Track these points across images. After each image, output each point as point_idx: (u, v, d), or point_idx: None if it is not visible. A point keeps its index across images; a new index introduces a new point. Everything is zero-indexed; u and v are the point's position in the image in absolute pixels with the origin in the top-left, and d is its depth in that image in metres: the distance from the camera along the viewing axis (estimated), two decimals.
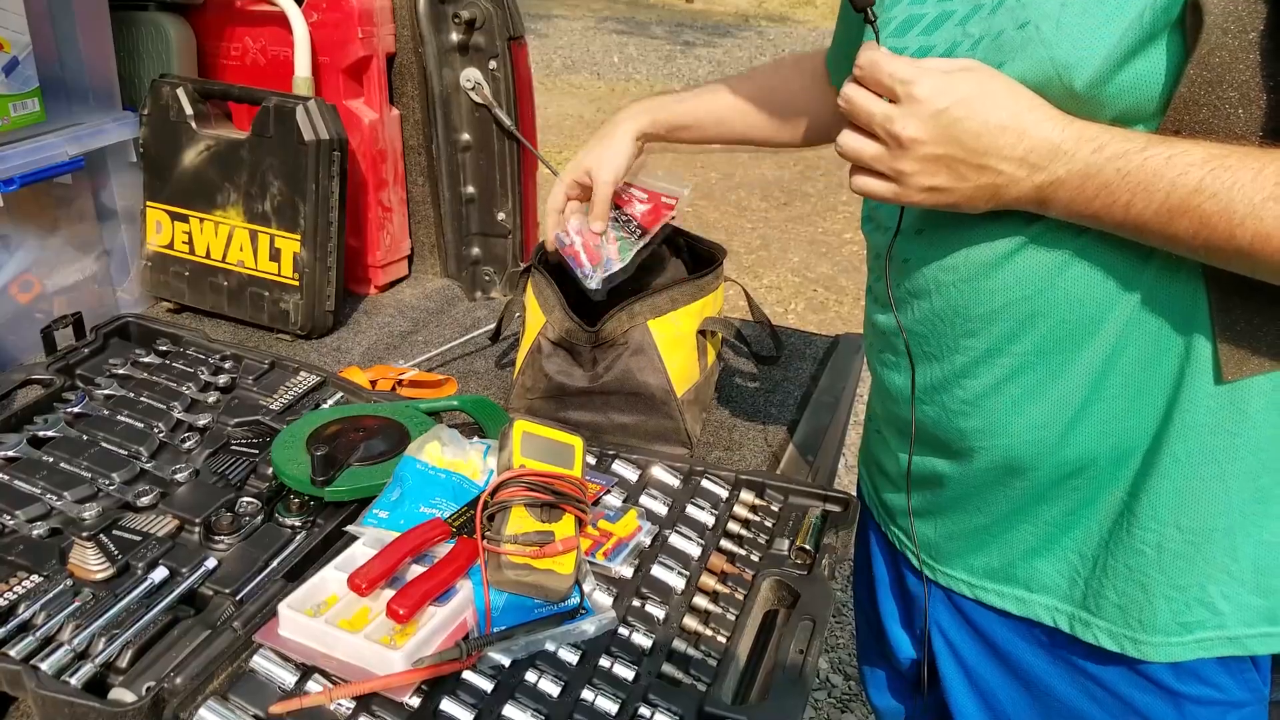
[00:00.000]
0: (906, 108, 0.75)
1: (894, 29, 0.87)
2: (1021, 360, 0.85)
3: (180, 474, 1.03)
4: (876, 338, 1.00)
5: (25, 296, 1.40)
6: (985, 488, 0.93)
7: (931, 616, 1.02)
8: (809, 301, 4.40)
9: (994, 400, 0.87)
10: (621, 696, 0.78)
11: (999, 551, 0.94)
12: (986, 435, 0.89)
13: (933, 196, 0.78)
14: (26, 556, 0.91)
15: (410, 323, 1.58)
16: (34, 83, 1.33)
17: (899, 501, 1.03)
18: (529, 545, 0.87)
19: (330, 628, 0.79)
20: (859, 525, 1.18)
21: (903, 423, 0.98)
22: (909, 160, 0.76)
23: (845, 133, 0.80)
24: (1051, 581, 0.92)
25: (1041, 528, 0.91)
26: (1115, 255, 0.78)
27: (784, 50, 9.38)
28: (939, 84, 0.74)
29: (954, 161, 0.75)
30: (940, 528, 0.99)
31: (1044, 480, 0.88)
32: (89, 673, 0.78)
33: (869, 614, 1.19)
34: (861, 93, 0.77)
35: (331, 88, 1.54)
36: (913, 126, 0.75)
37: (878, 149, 0.78)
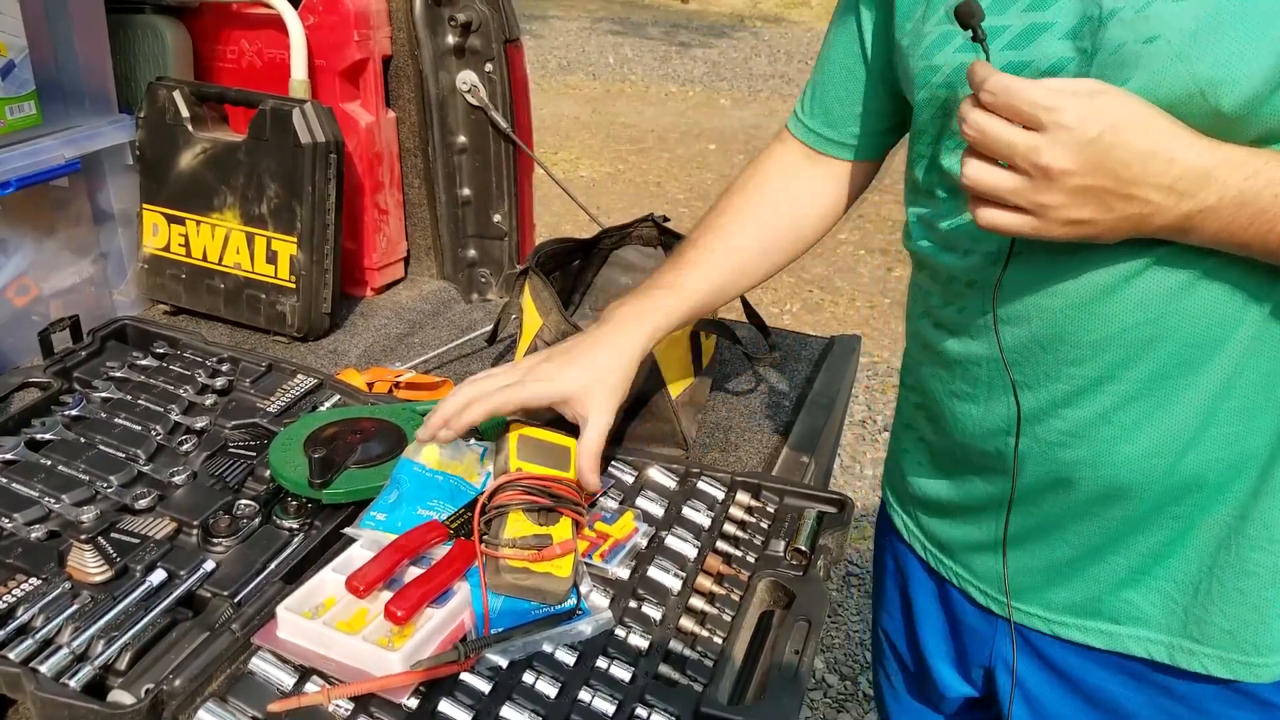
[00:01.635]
0: (1054, 136, 0.69)
1: (966, 41, 0.80)
2: (1135, 387, 0.80)
3: (178, 476, 1.03)
4: (944, 367, 0.94)
5: (22, 300, 1.41)
6: (1074, 519, 0.89)
7: (996, 653, 0.99)
8: (804, 302, 4.41)
9: (1101, 430, 0.83)
10: (618, 697, 0.79)
11: (1083, 585, 0.91)
12: (1088, 466, 0.85)
13: (1076, 229, 0.73)
14: (25, 559, 0.91)
15: (407, 325, 1.58)
16: (30, 86, 1.33)
17: (959, 534, 0.99)
18: (527, 549, 0.87)
19: (328, 630, 0.79)
20: (888, 557, 1.16)
21: (972, 454, 0.94)
22: (1055, 193, 0.70)
23: (974, 163, 0.73)
24: (1142, 613, 0.88)
25: (1134, 559, 0.87)
26: (1244, 274, 0.75)
27: (779, 51, 9.38)
28: (1086, 110, 0.68)
29: (1103, 192, 0.70)
30: (1012, 562, 0.94)
31: (1144, 510, 0.85)
32: (88, 675, 0.79)
33: (907, 652, 1.15)
34: (996, 121, 0.71)
35: (328, 90, 1.55)
36: (1062, 157, 0.69)
37: (1018, 181, 0.71)
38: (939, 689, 1.11)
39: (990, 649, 1.01)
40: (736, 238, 1.06)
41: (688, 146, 6.46)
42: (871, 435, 3.50)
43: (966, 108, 0.72)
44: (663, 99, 7.68)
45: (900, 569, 1.13)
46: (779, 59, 9.11)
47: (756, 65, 8.86)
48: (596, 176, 5.90)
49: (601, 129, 6.81)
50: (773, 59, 9.10)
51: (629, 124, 6.90)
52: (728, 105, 7.58)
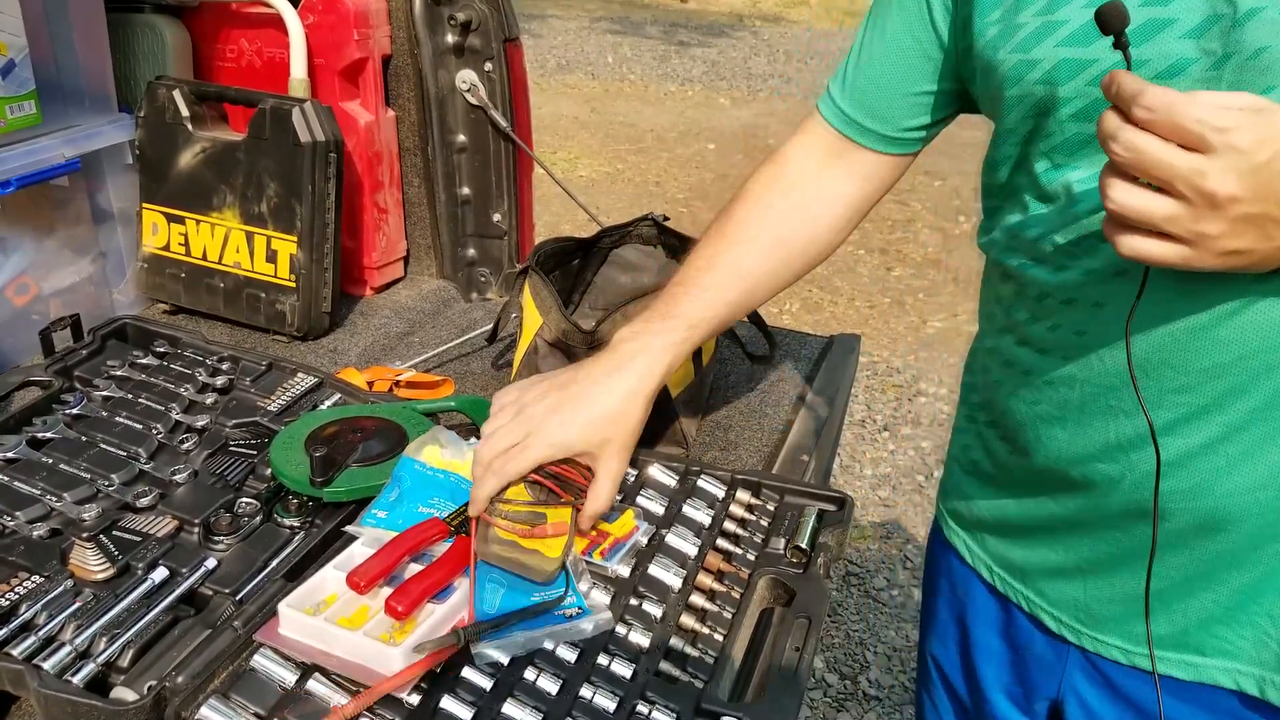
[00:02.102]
0: (1224, 160, 0.62)
1: (1070, 35, 0.74)
2: (1245, 418, 0.76)
3: (179, 475, 1.03)
4: (1029, 387, 0.89)
5: (22, 299, 1.41)
6: (1168, 550, 0.84)
7: (1067, 684, 0.96)
8: (804, 302, 4.42)
9: (1203, 461, 0.79)
10: (620, 694, 0.79)
11: (1168, 619, 0.87)
12: (1187, 498, 0.81)
13: (1231, 260, 0.66)
14: (27, 557, 0.91)
15: (407, 324, 1.58)
16: (30, 85, 1.33)
17: (1034, 558, 0.96)
18: (519, 523, 0.87)
19: (330, 626, 0.80)
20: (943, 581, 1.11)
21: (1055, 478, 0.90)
22: (1219, 221, 0.63)
23: (1120, 186, 0.66)
24: (1232, 647, 0.85)
25: (1226, 595, 0.84)
26: None
27: (779, 51, 9.38)
28: (1260, 130, 0.61)
29: (1266, 220, 0.64)
30: (1092, 589, 0.91)
31: (1242, 545, 0.81)
32: (91, 672, 0.79)
33: (961, 682, 1.10)
34: (1154, 141, 0.63)
35: (327, 90, 1.55)
36: (1232, 182, 0.62)
37: (1174, 208, 0.64)
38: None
39: (1060, 680, 0.97)
40: (747, 259, 1.00)
41: (687, 146, 6.46)
42: (871, 435, 3.50)
43: (1114, 124, 0.65)
44: (662, 98, 7.68)
45: (957, 594, 1.09)
46: (778, 58, 9.12)
47: (756, 65, 8.87)
48: (596, 176, 5.90)
49: (601, 128, 6.81)
50: (772, 58, 9.11)
51: (628, 123, 6.91)
52: (727, 105, 7.59)
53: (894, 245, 5.05)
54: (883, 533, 3.02)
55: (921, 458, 3.35)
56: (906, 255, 4.94)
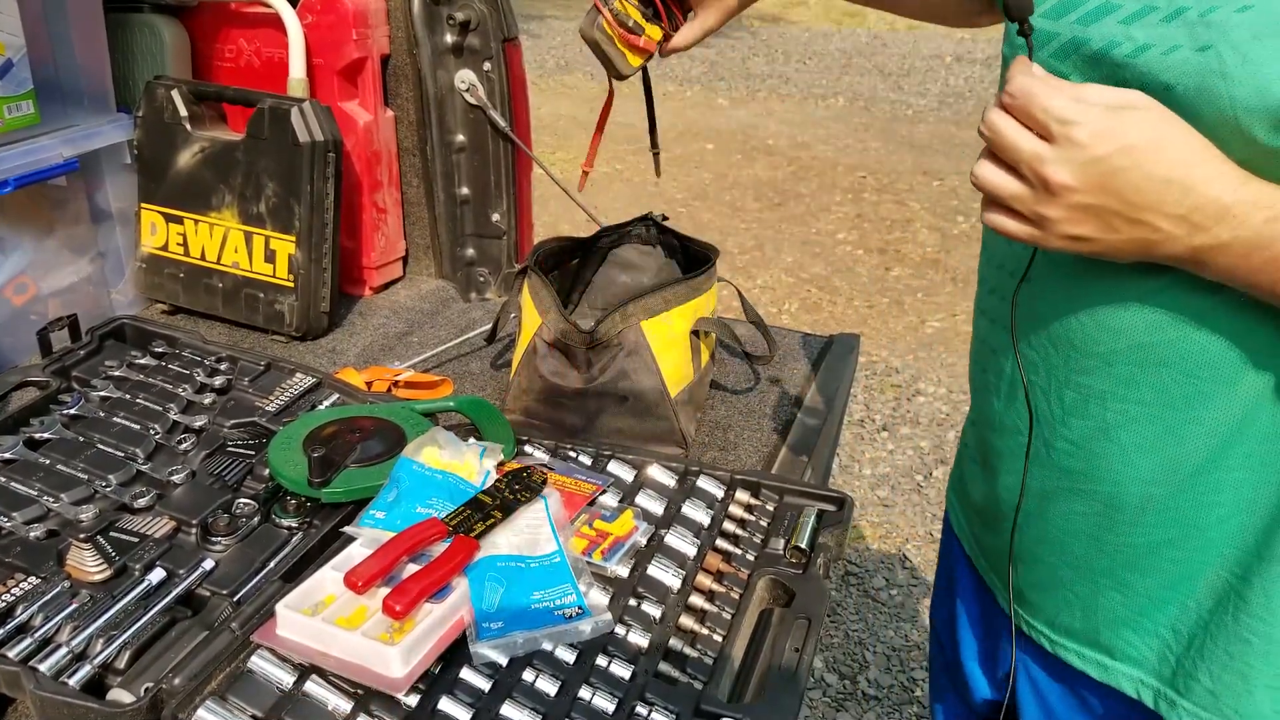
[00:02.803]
0: (1061, 150, 0.66)
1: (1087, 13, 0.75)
2: (1138, 409, 0.79)
3: (177, 475, 1.03)
4: (985, 357, 0.94)
5: (20, 298, 1.41)
6: (1077, 536, 0.88)
7: (1019, 659, 0.99)
8: (803, 302, 4.41)
9: (1103, 445, 0.82)
10: (619, 695, 0.79)
11: (1083, 614, 0.90)
12: (1088, 479, 0.84)
13: (1075, 245, 0.70)
14: (24, 558, 0.91)
15: (405, 324, 1.58)
16: (28, 85, 1.33)
17: (989, 540, 1.00)
18: (622, 25, 1.03)
19: (328, 626, 0.79)
20: (945, 545, 1.17)
21: (993, 453, 0.93)
22: (1055, 206, 0.68)
23: (983, 163, 0.71)
24: (1138, 654, 0.87)
25: (1132, 599, 0.86)
26: (1262, 317, 0.72)
27: (777, 51, 9.39)
28: (1102, 126, 0.65)
29: (1106, 213, 0.67)
30: (1027, 574, 0.94)
31: (1141, 542, 0.83)
32: (87, 674, 0.79)
33: (946, 647, 1.15)
34: (1009, 123, 0.68)
35: (326, 89, 1.55)
36: (1065, 172, 0.66)
37: (1020, 188, 0.69)
38: (970, 689, 1.11)
39: (1012, 655, 1.00)
40: None
41: (685, 146, 6.46)
42: (870, 435, 3.50)
43: (989, 105, 0.70)
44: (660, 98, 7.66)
45: (950, 563, 1.14)
46: (777, 59, 9.11)
47: (754, 65, 8.86)
48: (594, 176, 5.89)
49: None
50: (770, 59, 9.10)
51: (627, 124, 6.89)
52: (725, 105, 7.58)
53: (893, 245, 5.05)
54: (882, 532, 3.02)
55: (920, 457, 3.35)
56: (905, 255, 4.94)
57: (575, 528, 0.97)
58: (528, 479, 0.98)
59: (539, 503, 0.96)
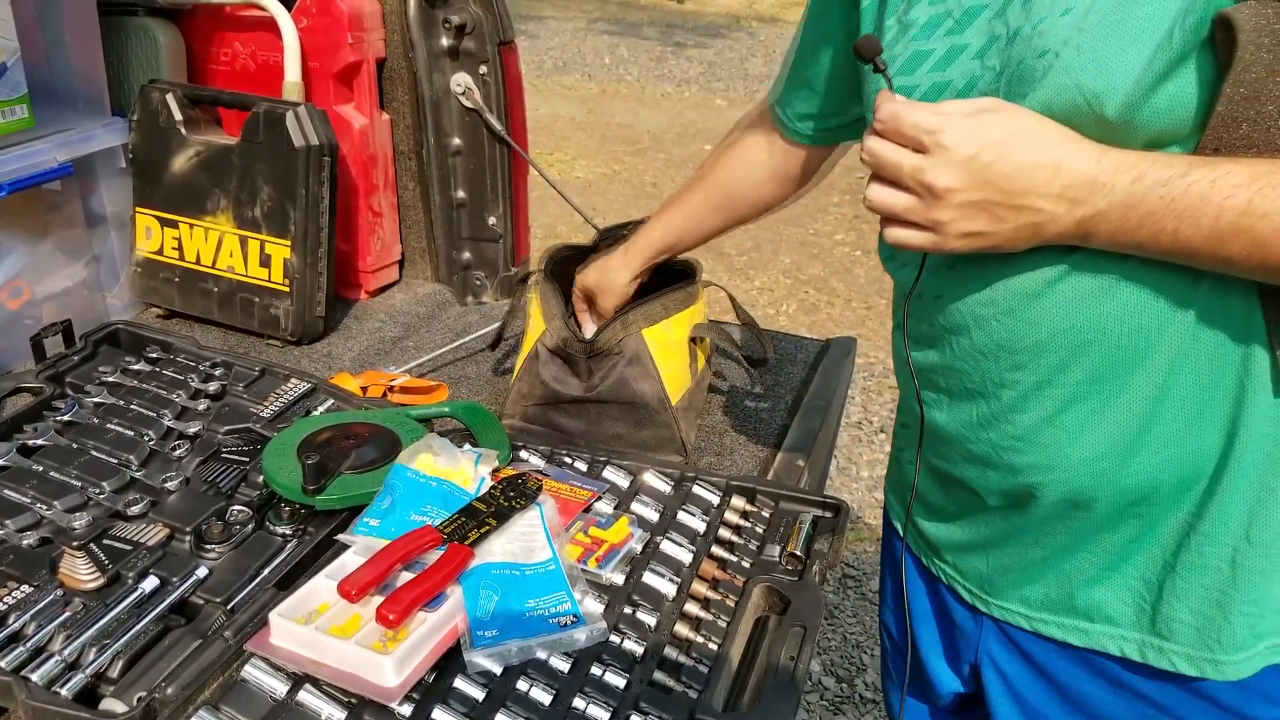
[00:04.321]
0: (936, 157, 0.73)
1: (901, 66, 0.84)
2: (1074, 390, 0.82)
3: (171, 482, 1.02)
4: (908, 375, 0.97)
5: (14, 303, 1.40)
6: (1042, 522, 0.90)
7: (983, 649, 1.00)
8: (801, 303, 4.41)
9: (1048, 434, 0.85)
10: (613, 704, 0.78)
11: (1057, 583, 0.92)
12: (1042, 470, 0.86)
13: (972, 242, 0.76)
14: (16, 566, 0.90)
15: (401, 328, 1.58)
16: (23, 89, 1.33)
17: (945, 534, 1.01)
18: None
19: (321, 635, 0.79)
20: (888, 553, 1.17)
21: (944, 461, 0.96)
22: (944, 209, 0.74)
23: (874, 186, 0.78)
24: (1115, 611, 0.90)
25: (1102, 556, 0.89)
26: (1164, 276, 0.76)
27: (775, 52, 9.39)
28: (965, 129, 0.73)
29: (991, 205, 0.74)
30: (992, 561, 0.97)
31: (1105, 510, 0.86)
32: (80, 683, 0.78)
33: (902, 646, 1.15)
34: (886, 145, 0.76)
35: (322, 93, 1.54)
36: (945, 175, 0.73)
37: (911, 200, 0.76)
38: (933, 684, 1.12)
39: (976, 646, 1.02)
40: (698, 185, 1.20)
41: (683, 147, 6.46)
42: (868, 437, 3.50)
43: (866, 135, 0.77)
44: (658, 100, 7.68)
45: (897, 564, 1.14)
46: (775, 59, 9.12)
47: (752, 66, 8.87)
48: (592, 177, 5.89)
49: (597, 130, 6.80)
50: (769, 59, 9.11)
51: (624, 125, 6.90)
52: (724, 106, 7.58)
53: None
54: (879, 535, 3.02)
55: None
56: None
57: (570, 535, 0.96)
58: (522, 486, 0.98)
59: (534, 510, 0.95)
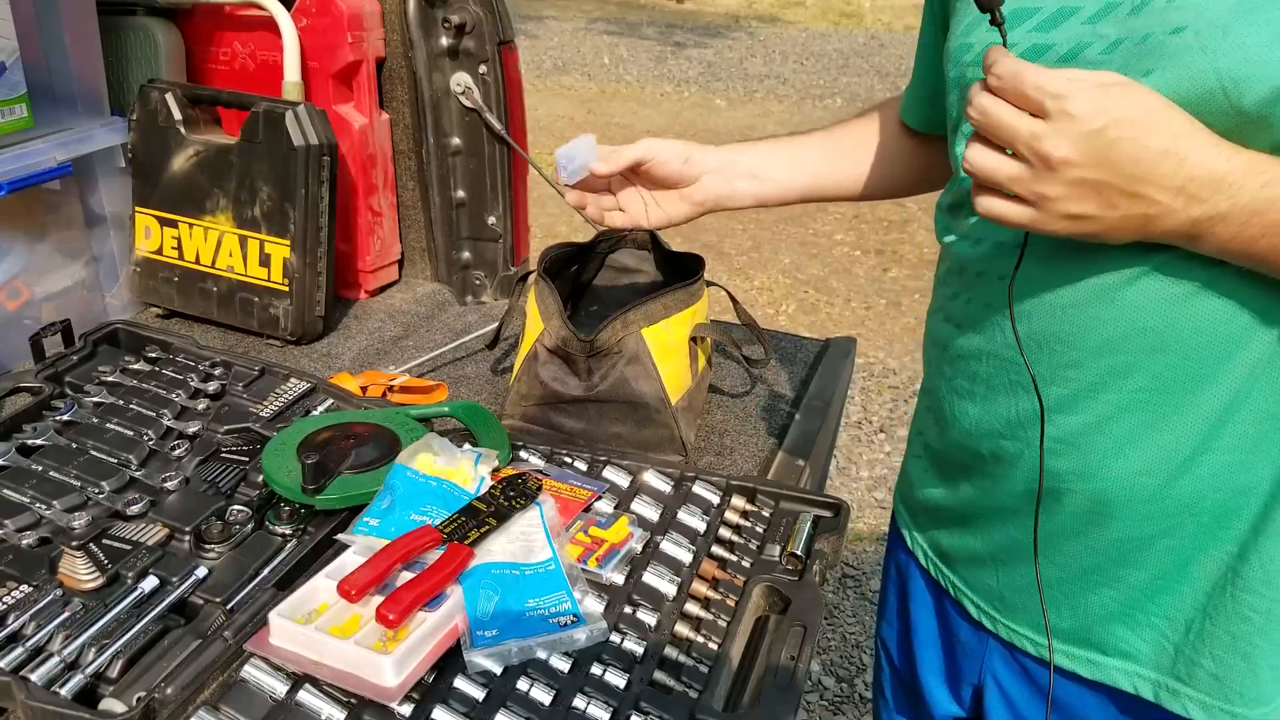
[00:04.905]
0: (1058, 124, 0.66)
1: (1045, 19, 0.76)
2: (1132, 397, 0.77)
3: (170, 482, 1.02)
4: (948, 362, 0.92)
5: (13, 303, 1.40)
6: (1063, 537, 0.86)
7: (988, 669, 0.97)
8: (800, 303, 4.41)
9: (1093, 440, 0.80)
10: (613, 704, 0.78)
11: (1071, 613, 0.88)
12: (1077, 477, 0.82)
13: (1074, 225, 0.69)
14: (15, 566, 0.90)
15: (401, 328, 1.58)
16: (21, 88, 1.33)
17: (958, 543, 0.98)
18: None
19: (321, 635, 0.79)
20: (892, 565, 1.15)
21: (968, 455, 0.92)
22: (1056, 183, 0.67)
23: (976, 147, 0.70)
24: (1132, 648, 0.86)
25: (1124, 592, 0.85)
26: (1254, 289, 0.72)
27: (775, 52, 9.39)
28: (1094, 100, 0.65)
29: (1105, 187, 0.67)
30: (1005, 577, 0.93)
31: (1135, 533, 0.82)
32: (79, 683, 0.78)
33: (900, 664, 1.13)
34: (1001, 105, 0.68)
35: (321, 92, 1.54)
36: (1065, 146, 0.66)
37: (1018, 169, 0.68)
38: (928, 706, 1.09)
39: (981, 665, 0.99)
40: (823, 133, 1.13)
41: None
42: (867, 437, 3.50)
43: (975, 90, 0.70)
44: (658, 99, 7.68)
45: (902, 578, 1.12)
46: (774, 59, 9.12)
47: (752, 66, 8.87)
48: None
49: (597, 130, 6.80)
50: (768, 59, 9.11)
51: (624, 125, 6.90)
52: (723, 106, 7.58)
53: (890, 246, 5.05)
54: (879, 535, 3.02)
55: None
56: (903, 256, 4.94)
57: (570, 534, 0.96)
58: (522, 485, 0.98)
59: (534, 509, 0.95)
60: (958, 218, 0.90)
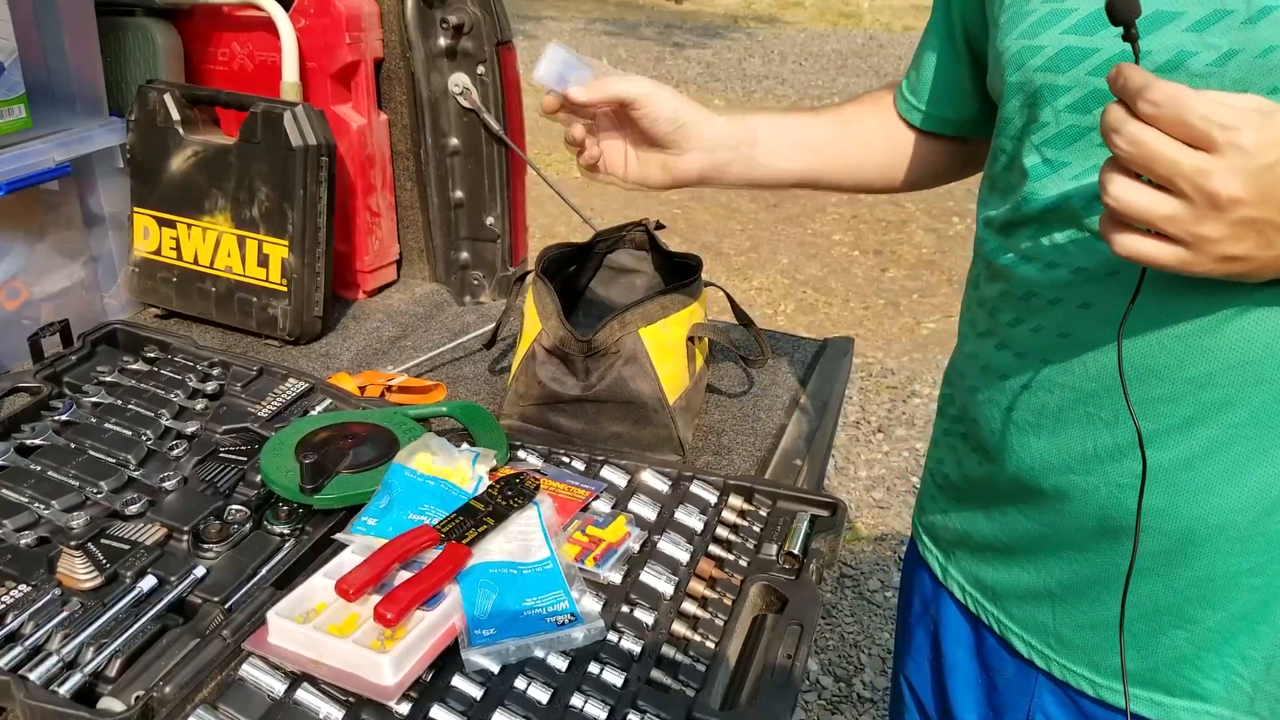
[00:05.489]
0: (1229, 160, 0.59)
1: (1081, 20, 0.71)
2: (1228, 432, 0.73)
3: (168, 482, 1.02)
4: (1005, 392, 0.86)
5: (12, 303, 1.40)
6: (1141, 576, 0.80)
7: (1036, 708, 0.93)
8: (799, 303, 4.42)
9: (1183, 477, 0.76)
10: (611, 702, 0.78)
11: (1139, 654, 0.83)
12: (1162, 516, 0.77)
13: (1227, 266, 0.63)
14: (14, 566, 0.90)
15: (399, 328, 1.58)
16: (20, 89, 1.33)
17: (1005, 579, 0.93)
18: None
19: (319, 634, 0.79)
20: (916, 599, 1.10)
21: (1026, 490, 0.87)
22: (1219, 224, 0.61)
23: (1121, 181, 0.63)
24: (1202, 689, 0.82)
25: (1199, 634, 0.80)
26: None
27: (773, 52, 9.40)
28: (1265, 132, 0.59)
29: (1267, 226, 0.61)
30: (1063, 615, 0.88)
31: (1215, 576, 0.78)
32: (78, 682, 0.78)
33: (930, 703, 1.08)
34: (1158, 136, 0.60)
35: (319, 93, 1.54)
36: (1236, 183, 0.59)
37: (1176, 207, 0.61)
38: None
39: (1030, 703, 0.94)
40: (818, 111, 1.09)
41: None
42: (865, 437, 3.50)
43: (1119, 116, 0.62)
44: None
45: (931, 613, 1.07)
46: (773, 59, 9.12)
47: (750, 66, 8.87)
48: None
49: None
50: (767, 59, 9.11)
51: None
52: (721, 106, 7.59)
53: (888, 246, 5.05)
54: (877, 534, 3.02)
55: (916, 459, 3.35)
56: (901, 256, 4.94)
57: (568, 534, 0.97)
58: (520, 485, 0.98)
59: (531, 509, 0.96)
60: (1015, 237, 0.83)
